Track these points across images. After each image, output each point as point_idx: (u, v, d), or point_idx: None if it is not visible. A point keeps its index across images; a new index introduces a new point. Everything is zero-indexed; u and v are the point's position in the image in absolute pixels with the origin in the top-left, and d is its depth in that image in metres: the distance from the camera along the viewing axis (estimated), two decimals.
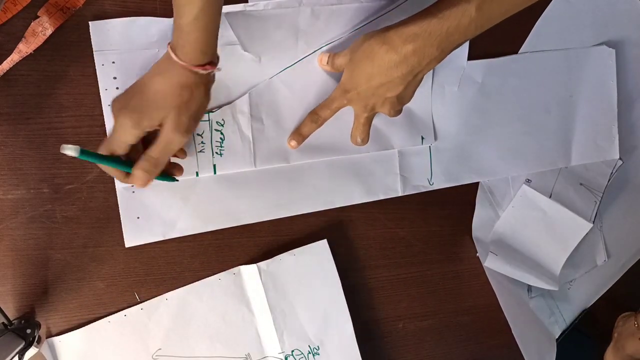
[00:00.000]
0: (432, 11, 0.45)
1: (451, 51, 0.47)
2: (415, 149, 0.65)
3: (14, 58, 0.50)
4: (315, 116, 0.56)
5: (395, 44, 0.46)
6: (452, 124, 0.66)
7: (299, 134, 0.57)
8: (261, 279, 0.60)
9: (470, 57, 0.65)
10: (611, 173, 0.74)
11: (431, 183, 0.66)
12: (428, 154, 0.66)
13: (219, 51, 0.46)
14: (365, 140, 0.56)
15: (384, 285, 0.69)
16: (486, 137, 0.68)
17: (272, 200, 0.60)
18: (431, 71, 0.63)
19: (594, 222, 0.71)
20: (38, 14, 0.49)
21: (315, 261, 0.63)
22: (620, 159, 0.74)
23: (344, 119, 0.56)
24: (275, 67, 0.57)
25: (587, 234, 0.71)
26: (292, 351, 0.61)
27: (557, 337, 0.77)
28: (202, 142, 0.55)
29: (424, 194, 0.67)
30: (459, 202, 0.71)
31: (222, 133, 0.56)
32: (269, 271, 0.61)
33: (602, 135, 0.73)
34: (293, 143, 0.57)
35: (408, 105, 0.54)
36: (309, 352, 0.62)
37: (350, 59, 0.51)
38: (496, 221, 0.72)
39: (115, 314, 0.57)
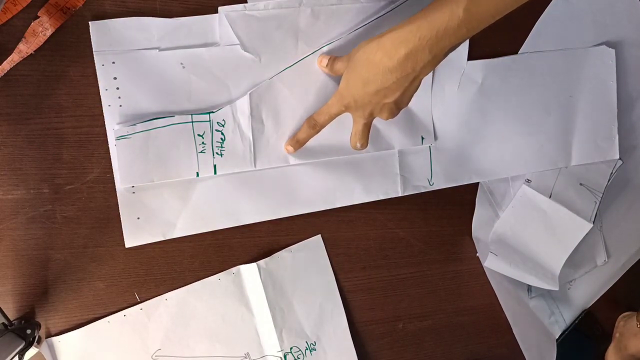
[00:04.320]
0: (421, 15, 0.45)
1: (445, 55, 0.47)
2: (415, 149, 0.65)
3: (14, 58, 0.50)
4: (313, 122, 0.56)
5: (389, 50, 0.46)
6: (452, 124, 0.66)
7: (296, 141, 0.57)
8: (261, 278, 0.60)
9: (470, 57, 0.65)
10: (611, 173, 0.74)
11: (431, 183, 0.66)
12: (428, 154, 0.66)
13: (220, 51, 0.46)
14: (364, 145, 0.56)
15: (384, 285, 0.69)
16: (486, 137, 0.68)
17: (272, 200, 0.60)
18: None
19: (594, 222, 0.71)
20: (38, 14, 0.49)
21: (311, 257, 0.63)
22: (620, 159, 0.74)
23: (344, 120, 0.56)
24: (276, 67, 0.56)
25: (587, 234, 0.71)
26: (291, 348, 0.62)
27: (557, 337, 0.77)
28: (202, 143, 0.55)
29: (424, 194, 0.67)
30: (459, 202, 0.71)
31: (222, 133, 0.56)
32: (268, 269, 0.61)
33: (602, 135, 0.73)
34: (290, 149, 0.57)
35: (408, 104, 0.54)
36: (307, 349, 0.62)
37: (348, 65, 0.51)
38: (496, 221, 0.72)
39: (115, 314, 0.57)
